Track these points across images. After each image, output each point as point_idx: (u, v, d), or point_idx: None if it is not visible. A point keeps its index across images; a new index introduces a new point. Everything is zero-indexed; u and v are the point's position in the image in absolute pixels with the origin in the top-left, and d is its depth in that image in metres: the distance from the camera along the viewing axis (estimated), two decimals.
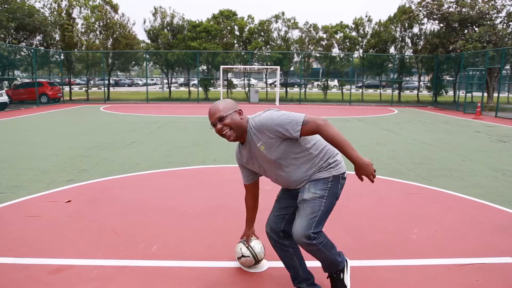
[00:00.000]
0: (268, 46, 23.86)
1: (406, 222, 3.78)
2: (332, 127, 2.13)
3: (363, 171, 2.17)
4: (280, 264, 2.89)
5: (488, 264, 2.94)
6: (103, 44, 22.86)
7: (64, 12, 22.04)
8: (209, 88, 24.27)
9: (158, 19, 23.63)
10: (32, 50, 19.04)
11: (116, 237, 3.36)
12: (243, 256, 2.74)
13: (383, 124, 12.18)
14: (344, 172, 2.39)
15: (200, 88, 23.34)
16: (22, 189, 4.76)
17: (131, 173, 5.57)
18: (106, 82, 23.54)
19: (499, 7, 18.90)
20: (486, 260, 3.01)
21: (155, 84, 47.34)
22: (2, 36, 18.43)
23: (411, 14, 21.76)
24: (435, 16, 20.69)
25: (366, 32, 23.81)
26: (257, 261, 2.76)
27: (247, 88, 24.78)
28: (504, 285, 2.65)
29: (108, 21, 22.57)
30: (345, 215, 3.97)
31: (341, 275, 2.38)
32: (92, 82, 34.62)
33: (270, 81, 26.81)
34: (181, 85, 43.12)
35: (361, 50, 24.12)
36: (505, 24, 19.30)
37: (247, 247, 2.74)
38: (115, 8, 23.06)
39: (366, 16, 23.75)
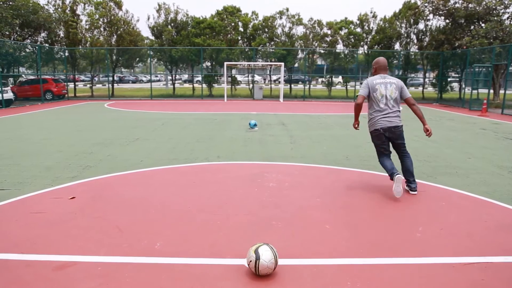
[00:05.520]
0: (272, 43, 23.77)
1: (410, 220, 3.76)
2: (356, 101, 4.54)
3: None
4: (282, 262, 2.88)
5: (493, 263, 2.91)
6: (107, 41, 22.88)
7: (68, 9, 22.08)
8: (213, 84, 24.25)
9: (162, 15, 23.61)
10: (36, 47, 19.10)
11: (120, 234, 3.37)
12: (274, 259, 2.66)
13: None
14: (374, 130, 4.55)
15: (204, 85, 23.32)
16: (26, 185, 4.78)
17: (134, 170, 5.58)
18: (111, 78, 23.59)
19: (506, 2, 18.66)
20: (491, 259, 2.98)
21: (159, 80, 47.40)
22: (7, 33, 18.50)
23: (417, 10, 21.56)
24: (441, 12, 20.49)
25: (371, 28, 23.65)
26: (275, 267, 2.72)
27: (251, 85, 24.73)
28: (510, 284, 2.63)
29: (112, 17, 22.57)
30: (349, 212, 3.96)
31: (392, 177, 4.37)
32: (96, 78, 34.69)
33: (274, 77, 26.70)
34: (185, 81, 43.14)
35: (365, 47, 23.97)
36: None
37: (274, 253, 2.67)
38: (119, 5, 23.06)
39: (371, 12, 23.59)
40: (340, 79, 33.16)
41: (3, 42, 16.97)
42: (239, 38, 23.97)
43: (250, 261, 2.67)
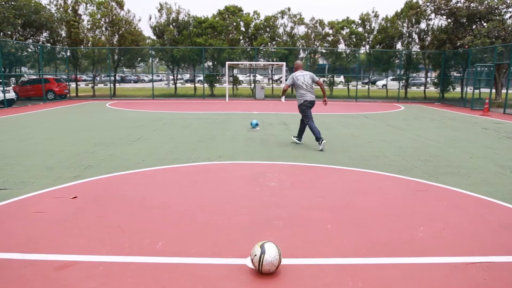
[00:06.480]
0: (274, 42, 23.75)
1: (412, 220, 3.75)
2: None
3: None
4: (284, 262, 2.88)
5: (495, 263, 2.90)
6: (109, 41, 22.91)
7: (70, 8, 22.11)
8: (215, 84, 24.25)
9: (163, 15, 23.62)
10: (38, 47, 19.14)
11: (122, 233, 3.38)
12: (278, 256, 2.70)
13: (389, 121, 12.09)
14: (303, 102, 7.26)
15: (205, 85, 23.33)
16: (28, 185, 4.79)
17: (136, 170, 5.59)
18: (112, 78, 23.62)
19: (508, 1, 18.60)
20: (493, 258, 2.97)
21: (160, 80, 47.44)
22: (9, 33, 18.54)
23: (419, 9, 21.49)
24: (442, 12, 20.43)
25: (373, 28, 23.59)
26: (279, 265, 2.75)
27: (253, 85, 24.73)
28: None
29: (114, 17, 22.60)
30: (351, 212, 3.95)
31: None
32: (98, 78, 34.78)
33: (276, 77, 26.67)
34: (186, 81, 43.14)
35: (367, 46, 23.93)
36: None
37: (278, 251, 2.71)
38: (120, 5, 23.08)
39: (373, 12, 23.52)
40: (341, 78, 33.14)
41: (5, 42, 17.02)
42: (241, 37, 23.96)
43: (255, 255, 2.68)
